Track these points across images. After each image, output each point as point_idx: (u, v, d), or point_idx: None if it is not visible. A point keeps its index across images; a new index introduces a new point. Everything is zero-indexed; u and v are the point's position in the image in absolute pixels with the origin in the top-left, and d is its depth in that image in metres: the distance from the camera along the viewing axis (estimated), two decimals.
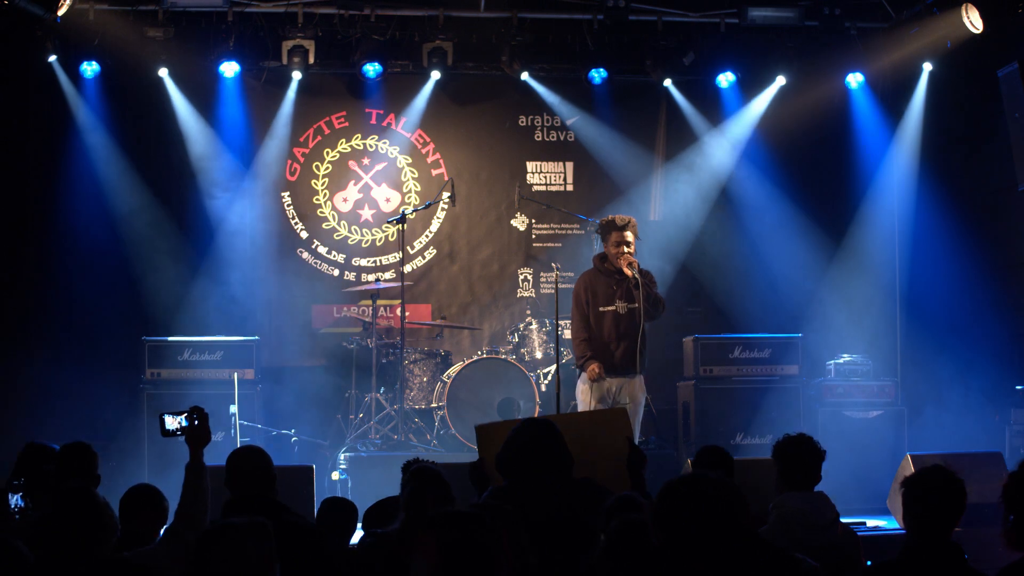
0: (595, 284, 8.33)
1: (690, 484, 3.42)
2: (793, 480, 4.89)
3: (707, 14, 10.46)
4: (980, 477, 7.35)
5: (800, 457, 4.93)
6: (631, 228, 8.27)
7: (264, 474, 4.81)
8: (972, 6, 9.12)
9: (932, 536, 3.86)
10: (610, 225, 8.31)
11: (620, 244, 8.22)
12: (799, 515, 4.73)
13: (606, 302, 8.26)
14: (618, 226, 8.26)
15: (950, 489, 3.91)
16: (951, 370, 9.99)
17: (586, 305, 8.31)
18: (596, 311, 8.28)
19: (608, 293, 8.28)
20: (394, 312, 10.48)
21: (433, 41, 10.30)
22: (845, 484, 9.16)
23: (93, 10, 9.79)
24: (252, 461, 4.85)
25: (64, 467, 5.14)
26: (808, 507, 4.78)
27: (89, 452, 5.24)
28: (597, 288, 8.31)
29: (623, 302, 8.24)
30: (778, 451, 5.01)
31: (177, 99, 10.38)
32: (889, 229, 10.82)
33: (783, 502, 4.81)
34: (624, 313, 8.24)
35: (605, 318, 8.27)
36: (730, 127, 10.96)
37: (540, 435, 5.11)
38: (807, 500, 4.82)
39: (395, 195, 10.94)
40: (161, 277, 10.32)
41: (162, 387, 9.35)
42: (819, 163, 11.03)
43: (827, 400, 9.64)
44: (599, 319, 8.28)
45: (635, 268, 8.17)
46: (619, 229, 8.24)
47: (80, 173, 10.26)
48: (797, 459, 4.93)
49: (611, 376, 8.20)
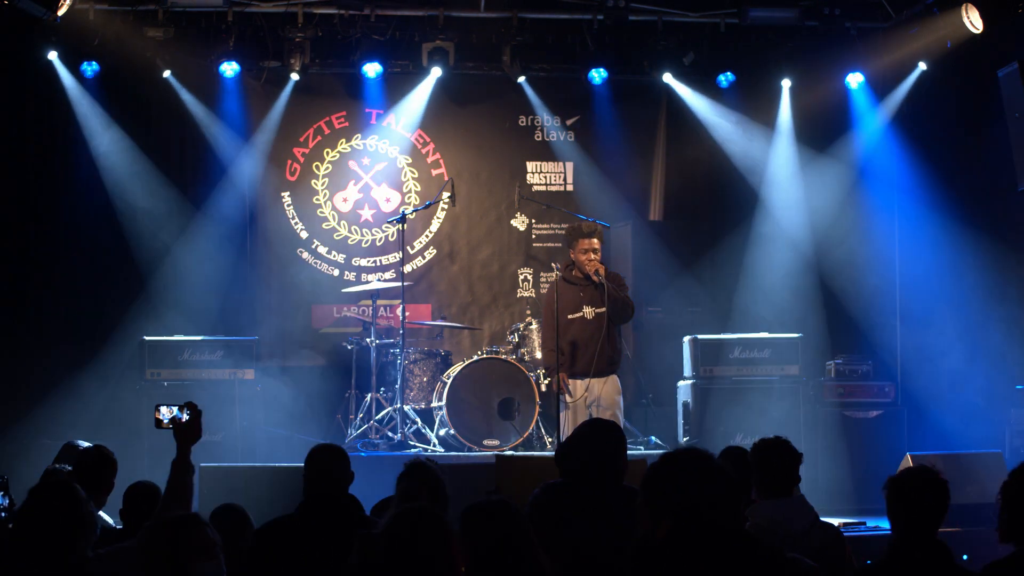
0: (562, 294, 8.56)
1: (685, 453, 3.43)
2: (768, 487, 4.79)
3: (707, 14, 10.45)
4: (980, 477, 7.41)
5: (770, 462, 4.82)
6: (598, 235, 8.53)
7: (342, 471, 4.74)
8: (972, 6, 9.11)
9: (917, 535, 3.87)
10: (576, 232, 8.61)
11: (588, 251, 8.49)
12: (772, 525, 4.63)
13: (573, 309, 8.56)
14: (585, 233, 8.56)
15: (932, 489, 3.92)
16: (951, 370, 9.98)
17: (553, 315, 8.53)
18: (565, 319, 8.53)
19: (575, 300, 8.56)
20: (394, 312, 10.48)
21: (433, 41, 10.29)
22: (845, 484, 9.22)
23: (93, 10, 9.78)
24: (332, 458, 4.76)
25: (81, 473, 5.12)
26: (781, 516, 4.67)
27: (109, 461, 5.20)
28: (565, 297, 8.57)
29: (590, 307, 8.49)
30: (752, 457, 4.91)
31: (178, 99, 10.38)
32: (889, 229, 10.82)
33: (756, 512, 4.70)
34: (592, 318, 8.54)
35: (573, 325, 8.56)
36: (730, 127, 10.96)
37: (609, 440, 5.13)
38: (780, 509, 4.70)
39: (395, 195, 10.94)
40: (161, 276, 10.32)
41: (162, 387, 9.35)
42: (819, 162, 11.02)
43: (827, 400, 9.64)
44: (567, 326, 8.56)
45: (601, 275, 8.34)
46: (586, 236, 8.56)
47: (80, 172, 10.26)
48: (769, 465, 4.82)
49: (586, 377, 8.53)
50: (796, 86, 10.70)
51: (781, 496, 4.75)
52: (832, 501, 8.90)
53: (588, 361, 8.47)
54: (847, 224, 10.82)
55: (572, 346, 8.54)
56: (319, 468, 4.73)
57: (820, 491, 8.97)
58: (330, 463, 4.73)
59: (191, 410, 4.39)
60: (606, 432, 5.15)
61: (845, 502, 8.97)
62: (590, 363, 8.46)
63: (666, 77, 10.65)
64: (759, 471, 4.81)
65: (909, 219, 10.68)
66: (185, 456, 4.29)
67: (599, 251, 8.54)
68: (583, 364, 8.50)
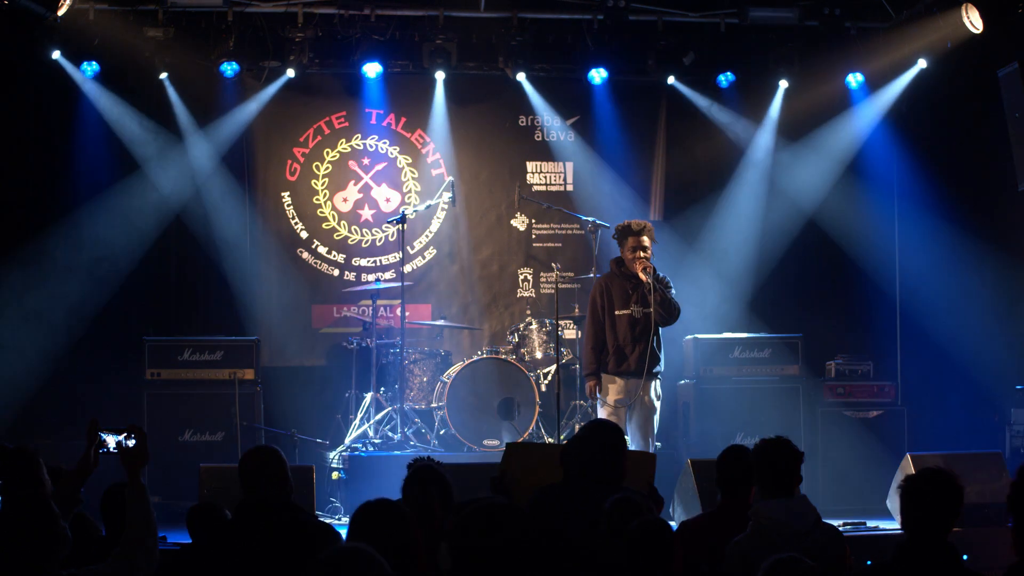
0: (611, 288, 8.49)
1: None
2: (770, 486, 4.79)
3: (707, 14, 10.45)
4: (980, 477, 7.40)
5: (772, 462, 4.82)
6: (647, 233, 8.42)
7: (278, 476, 4.65)
8: (972, 6, 9.12)
9: (929, 537, 3.87)
10: (626, 230, 8.47)
11: (636, 249, 8.39)
12: (776, 525, 4.65)
13: (622, 306, 8.42)
14: (634, 231, 8.43)
15: (947, 491, 3.92)
16: (951, 370, 9.99)
17: (601, 311, 8.47)
18: (612, 315, 8.43)
19: (624, 297, 8.43)
20: (394, 312, 10.47)
21: (433, 41, 10.29)
22: (845, 484, 9.22)
23: (93, 10, 9.78)
24: (266, 462, 4.69)
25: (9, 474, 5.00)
26: (785, 516, 4.67)
27: (34, 459, 5.10)
28: (613, 292, 8.47)
29: (638, 306, 8.39)
30: (754, 457, 4.91)
31: (177, 99, 10.38)
32: (889, 228, 10.82)
33: (759, 512, 4.71)
34: (639, 317, 8.39)
35: (620, 321, 8.42)
36: (730, 127, 10.96)
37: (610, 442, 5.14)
38: (783, 508, 4.70)
39: (395, 195, 10.94)
40: (162, 276, 10.31)
41: (162, 387, 9.36)
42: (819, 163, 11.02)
43: (827, 400, 9.64)
44: (614, 322, 8.43)
45: (650, 273, 8.27)
46: (635, 234, 8.41)
47: (80, 172, 10.25)
48: (771, 464, 4.81)
49: (628, 377, 8.37)
50: (796, 86, 10.70)
51: (783, 496, 4.76)
52: (832, 501, 8.90)
53: (634, 360, 8.33)
54: (847, 223, 10.82)
55: (617, 343, 8.39)
56: (250, 470, 4.67)
57: (820, 491, 8.99)
58: (261, 466, 4.66)
59: (136, 434, 4.26)
60: (608, 434, 5.16)
61: (845, 502, 8.97)
62: (635, 362, 8.32)
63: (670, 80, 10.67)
64: (761, 471, 4.82)
65: (909, 219, 10.68)
66: (137, 481, 4.15)
67: (648, 249, 8.39)
68: (630, 363, 8.34)
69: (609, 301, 8.43)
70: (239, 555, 4.43)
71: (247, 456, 4.76)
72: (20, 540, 3.50)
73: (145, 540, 3.99)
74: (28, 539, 3.51)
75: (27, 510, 3.57)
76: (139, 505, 4.06)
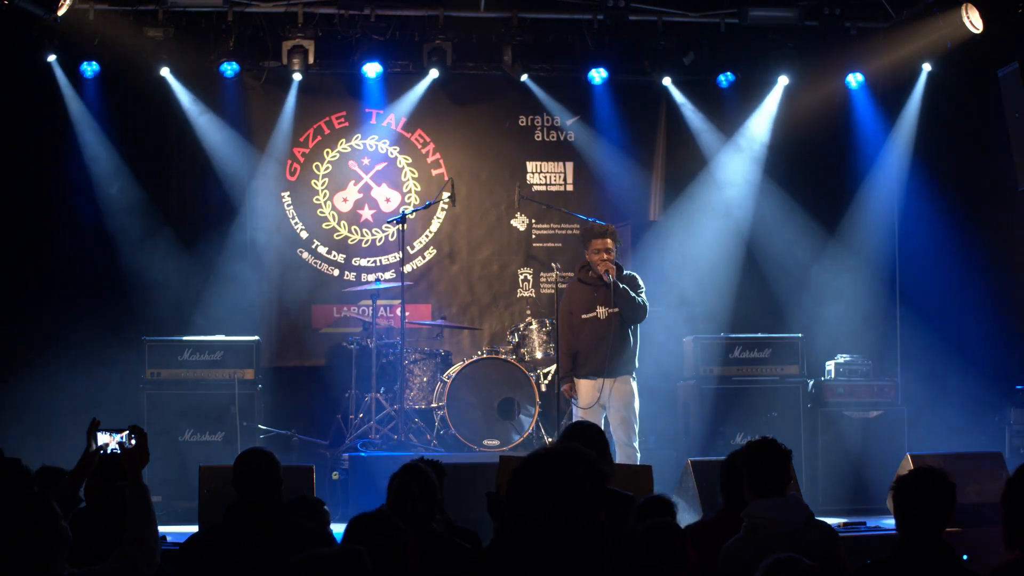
0: (576, 294, 8.56)
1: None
2: (760, 487, 4.79)
3: (707, 14, 10.46)
4: (980, 477, 7.40)
5: (761, 463, 4.82)
6: (611, 235, 8.49)
7: (271, 477, 4.69)
8: (972, 6, 9.13)
9: (923, 536, 3.88)
10: (589, 232, 8.57)
11: (600, 251, 8.42)
12: (768, 524, 4.65)
13: (587, 310, 8.47)
14: (597, 233, 8.52)
15: (939, 490, 3.93)
16: (951, 370, 9.99)
17: (568, 316, 8.53)
18: (579, 319, 8.48)
19: (589, 301, 8.49)
20: (394, 312, 10.47)
21: (433, 41, 10.30)
22: (845, 484, 9.22)
23: (93, 10, 9.78)
24: (259, 464, 4.73)
25: None
26: (777, 515, 4.68)
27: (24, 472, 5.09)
28: (579, 297, 8.54)
29: (604, 307, 8.41)
30: (742, 460, 4.91)
31: (177, 99, 10.38)
32: (889, 229, 10.82)
33: (751, 512, 4.71)
34: (604, 318, 8.43)
35: (586, 325, 8.47)
36: (730, 127, 10.97)
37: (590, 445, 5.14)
38: (776, 508, 4.70)
39: (395, 195, 10.94)
40: (161, 277, 10.32)
41: (162, 387, 9.35)
42: (819, 163, 11.03)
43: (827, 400, 9.63)
44: (581, 326, 8.49)
45: (612, 274, 8.30)
46: (599, 236, 8.50)
47: (79, 172, 10.26)
48: (760, 465, 4.81)
49: (597, 377, 8.40)
50: (796, 85, 10.70)
51: (774, 495, 4.77)
52: (832, 501, 8.91)
53: (600, 361, 8.37)
54: (847, 223, 10.82)
55: (585, 346, 8.45)
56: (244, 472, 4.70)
57: (820, 491, 9.00)
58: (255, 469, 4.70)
59: (137, 434, 4.28)
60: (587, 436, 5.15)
61: (845, 502, 8.97)
62: (602, 363, 8.36)
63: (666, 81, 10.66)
64: (750, 472, 4.83)
65: (909, 218, 10.68)
66: (138, 481, 4.15)
67: (612, 251, 8.45)
68: (595, 364, 8.40)
69: (576, 308, 8.50)
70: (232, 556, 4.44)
71: (241, 458, 4.78)
72: (20, 540, 3.50)
73: (146, 540, 4.00)
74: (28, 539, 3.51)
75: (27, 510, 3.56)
76: (140, 505, 4.07)
